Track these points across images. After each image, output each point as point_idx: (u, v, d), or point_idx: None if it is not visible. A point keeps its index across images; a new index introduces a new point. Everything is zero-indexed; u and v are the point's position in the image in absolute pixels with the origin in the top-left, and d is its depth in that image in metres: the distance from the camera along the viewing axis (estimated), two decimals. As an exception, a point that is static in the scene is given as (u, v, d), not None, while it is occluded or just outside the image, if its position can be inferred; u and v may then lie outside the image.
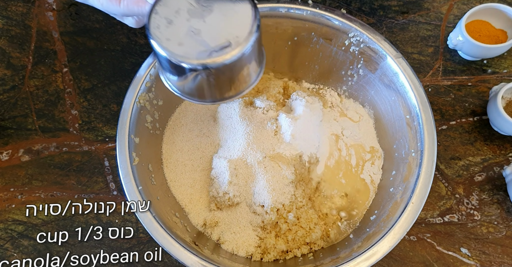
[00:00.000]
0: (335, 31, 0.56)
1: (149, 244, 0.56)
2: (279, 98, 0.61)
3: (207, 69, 0.38)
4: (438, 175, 0.61)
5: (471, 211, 0.59)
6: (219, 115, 0.58)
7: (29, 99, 0.64)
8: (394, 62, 0.53)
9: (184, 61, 0.37)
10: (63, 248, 0.56)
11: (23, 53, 0.66)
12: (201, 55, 0.37)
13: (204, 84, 0.41)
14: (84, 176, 0.60)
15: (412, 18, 0.69)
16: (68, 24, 0.68)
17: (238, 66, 0.39)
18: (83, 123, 0.63)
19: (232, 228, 0.53)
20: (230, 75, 0.41)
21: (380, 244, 0.46)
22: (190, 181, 0.56)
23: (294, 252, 0.53)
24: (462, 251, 0.57)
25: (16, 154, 0.60)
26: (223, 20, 0.38)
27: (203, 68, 0.37)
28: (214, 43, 0.37)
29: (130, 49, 0.67)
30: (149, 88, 0.53)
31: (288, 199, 0.53)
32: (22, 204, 0.58)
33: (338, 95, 0.63)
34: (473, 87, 0.65)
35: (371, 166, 0.59)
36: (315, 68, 0.63)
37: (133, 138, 0.50)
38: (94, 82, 0.65)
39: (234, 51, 0.37)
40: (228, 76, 0.41)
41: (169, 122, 0.58)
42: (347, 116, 0.62)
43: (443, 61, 0.67)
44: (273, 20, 0.56)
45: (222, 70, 0.39)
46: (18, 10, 0.68)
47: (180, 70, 0.39)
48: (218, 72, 0.39)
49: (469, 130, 0.63)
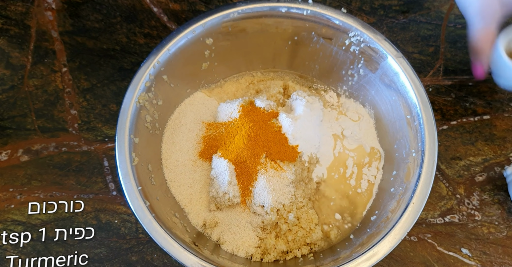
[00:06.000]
0: (335, 30, 0.56)
1: (148, 244, 0.56)
2: (279, 98, 0.61)
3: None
4: (438, 175, 0.60)
5: (472, 211, 0.59)
6: (219, 115, 0.58)
7: (28, 99, 0.63)
8: (394, 61, 0.53)
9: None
10: (62, 248, 0.56)
11: (22, 53, 0.66)
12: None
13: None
14: (83, 176, 0.59)
15: (413, 18, 0.69)
16: (67, 23, 0.67)
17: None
18: (83, 123, 0.62)
19: (232, 229, 0.53)
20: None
21: (380, 244, 0.46)
22: (190, 181, 0.56)
23: (294, 253, 0.53)
24: (463, 252, 0.57)
25: (15, 154, 0.60)
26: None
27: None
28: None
29: (129, 49, 0.67)
30: (148, 88, 0.53)
31: (288, 199, 0.53)
32: (21, 204, 0.58)
33: (338, 95, 0.63)
34: (474, 87, 0.65)
35: (372, 166, 0.58)
36: (315, 68, 0.62)
37: (133, 138, 0.50)
38: (93, 82, 0.65)
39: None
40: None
41: (169, 122, 0.58)
42: (348, 116, 0.61)
43: (444, 61, 0.67)
44: (273, 19, 0.56)
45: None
46: (17, 10, 0.68)
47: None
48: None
49: (470, 130, 0.63)
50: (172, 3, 0.69)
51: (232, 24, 0.56)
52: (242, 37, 0.58)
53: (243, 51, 0.60)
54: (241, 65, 0.63)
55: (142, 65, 0.53)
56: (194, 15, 0.65)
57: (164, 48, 0.53)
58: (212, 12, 0.55)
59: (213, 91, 0.63)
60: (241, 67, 0.64)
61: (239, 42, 0.58)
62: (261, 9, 0.55)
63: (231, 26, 0.56)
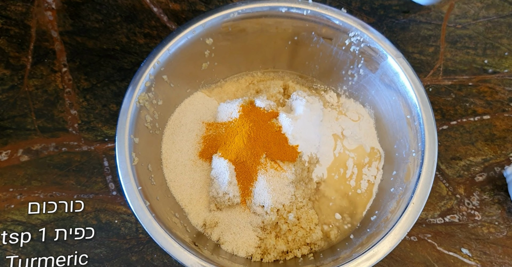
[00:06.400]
0: (335, 30, 0.56)
1: (148, 244, 0.56)
2: (279, 98, 0.61)
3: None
4: (438, 175, 0.60)
5: (472, 211, 0.59)
6: (219, 115, 0.58)
7: (28, 99, 0.63)
8: (394, 61, 0.53)
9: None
10: (62, 248, 0.56)
11: (22, 53, 0.66)
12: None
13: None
14: (83, 176, 0.59)
15: (413, 18, 0.69)
16: (67, 23, 0.67)
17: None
18: (83, 123, 0.62)
19: (232, 229, 0.53)
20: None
21: (380, 244, 0.46)
22: (190, 181, 0.56)
23: (294, 253, 0.53)
24: (463, 252, 0.57)
25: (15, 154, 0.60)
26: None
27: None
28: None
29: (129, 49, 0.67)
30: (148, 88, 0.53)
31: (288, 199, 0.53)
32: (21, 204, 0.58)
33: (338, 95, 0.63)
34: (474, 87, 0.65)
35: (372, 166, 0.58)
36: (315, 68, 0.62)
37: (133, 138, 0.50)
38: (93, 82, 0.65)
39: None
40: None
41: (169, 122, 0.58)
42: (348, 116, 0.61)
43: (444, 61, 0.67)
44: (273, 19, 0.56)
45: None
46: (17, 10, 0.68)
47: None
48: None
49: (470, 130, 0.63)
50: (172, 3, 0.69)
51: (232, 24, 0.56)
52: (242, 37, 0.58)
53: (243, 51, 0.60)
54: (241, 65, 0.63)
55: (142, 65, 0.53)
56: (194, 15, 0.65)
57: (164, 48, 0.53)
58: (212, 12, 0.55)
59: (213, 91, 0.63)
60: (241, 67, 0.64)
61: (239, 42, 0.58)
62: (261, 9, 0.55)
63: (231, 26, 0.56)
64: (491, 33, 0.68)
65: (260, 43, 0.60)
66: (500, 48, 0.68)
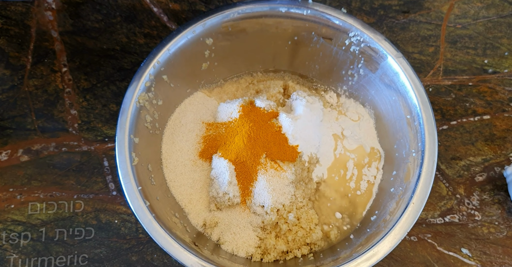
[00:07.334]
0: (335, 30, 0.56)
1: (148, 244, 0.56)
2: (279, 98, 0.61)
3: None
4: (438, 175, 0.60)
5: (472, 211, 0.59)
6: (219, 115, 0.58)
7: (28, 99, 0.63)
8: (394, 61, 0.53)
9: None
10: (62, 248, 0.56)
11: (22, 53, 0.66)
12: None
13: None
14: (83, 176, 0.59)
15: (413, 18, 0.69)
16: (67, 23, 0.67)
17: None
18: (83, 123, 0.62)
19: (232, 229, 0.53)
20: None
21: (380, 244, 0.46)
22: (190, 181, 0.56)
23: (294, 253, 0.53)
24: (463, 252, 0.57)
25: (15, 154, 0.60)
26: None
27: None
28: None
29: (129, 49, 0.67)
30: (148, 88, 0.53)
31: (288, 199, 0.53)
32: (21, 204, 0.58)
33: (338, 95, 0.63)
34: (474, 87, 0.65)
35: (372, 166, 0.58)
36: (315, 68, 0.62)
37: (133, 138, 0.50)
38: (93, 82, 0.65)
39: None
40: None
41: (169, 122, 0.58)
42: (348, 116, 0.61)
43: (444, 61, 0.67)
44: (273, 19, 0.56)
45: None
46: (17, 10, 0.68)
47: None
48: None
49: (470, 130, 0.63)
50: (172, 3, 0.69)
51: (232, 24, 0.56)
52: (242, 37, 0.58)
53: (243, 51, 0.60)
54: (241, 65, 0.63)
55: (142, 65, 0.53)
56: (194, 15, 0.65)
57: (164, 48, 0.53)
58: (212, 12, 0.55)
59: (213, 91, 0.63)
60: (241, 67, 0.64)
61: (239, 42, 0.58)
62: (261, 9, 0.55)
63: (231, 26, 0.56)
64: (491, 33, 0.68)
65: (260, 43, 0.60)
66: (500, 48, 0.68)
